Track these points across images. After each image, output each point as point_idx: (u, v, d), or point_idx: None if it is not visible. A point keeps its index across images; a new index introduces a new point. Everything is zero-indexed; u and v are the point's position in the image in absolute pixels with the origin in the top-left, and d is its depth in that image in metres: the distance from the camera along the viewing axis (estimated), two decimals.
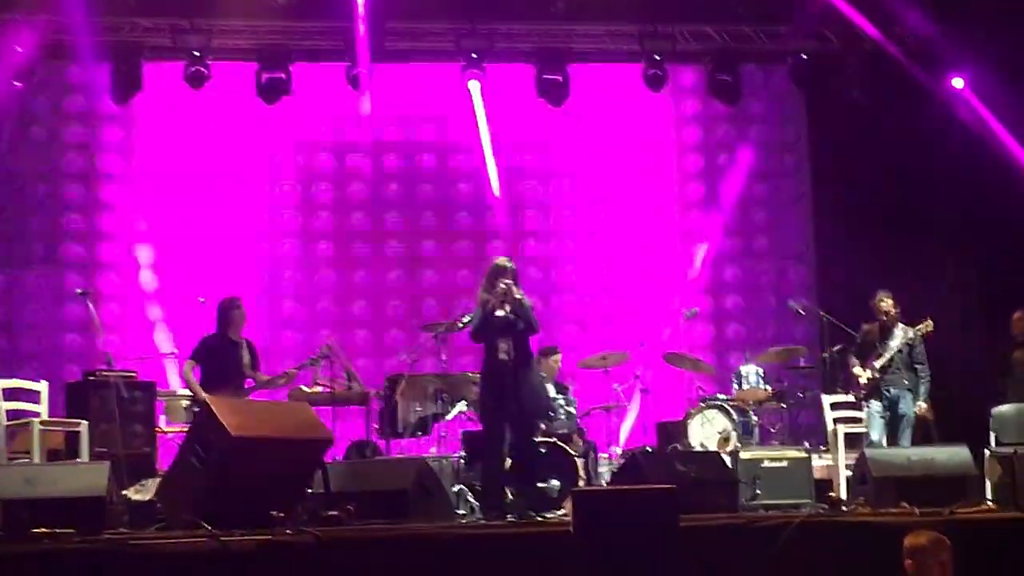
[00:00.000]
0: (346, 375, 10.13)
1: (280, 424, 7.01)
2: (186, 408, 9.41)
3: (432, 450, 9.75)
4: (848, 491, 8.68)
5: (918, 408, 9.40)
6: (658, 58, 11.92)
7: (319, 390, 9.87)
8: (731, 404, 10.23)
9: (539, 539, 6.34)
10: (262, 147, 12.40)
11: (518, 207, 12.58)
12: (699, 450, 9.72)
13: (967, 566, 5.51)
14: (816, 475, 9.41)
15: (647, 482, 6.83)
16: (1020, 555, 6.31)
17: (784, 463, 9.26)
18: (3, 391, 8.94)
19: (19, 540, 5.89)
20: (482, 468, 8.30)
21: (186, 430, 8.55)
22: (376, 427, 10.06)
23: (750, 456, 9.33)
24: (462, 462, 9.18)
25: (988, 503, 7.45)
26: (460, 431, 9.68)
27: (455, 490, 8.68)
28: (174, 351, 10.56)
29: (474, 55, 11.82)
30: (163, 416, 10.03)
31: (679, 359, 10.91)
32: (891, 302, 9.53)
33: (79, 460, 8.68)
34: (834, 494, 8.75)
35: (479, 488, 8.45)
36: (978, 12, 11.38)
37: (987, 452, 8.56)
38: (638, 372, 10.70)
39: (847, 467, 9.08)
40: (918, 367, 9.44)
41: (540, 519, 7.43)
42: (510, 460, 8.12)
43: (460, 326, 9.37)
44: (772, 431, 10.54)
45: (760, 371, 10.50)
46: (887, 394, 9.38)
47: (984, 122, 11.56)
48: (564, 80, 11.95)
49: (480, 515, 8.02)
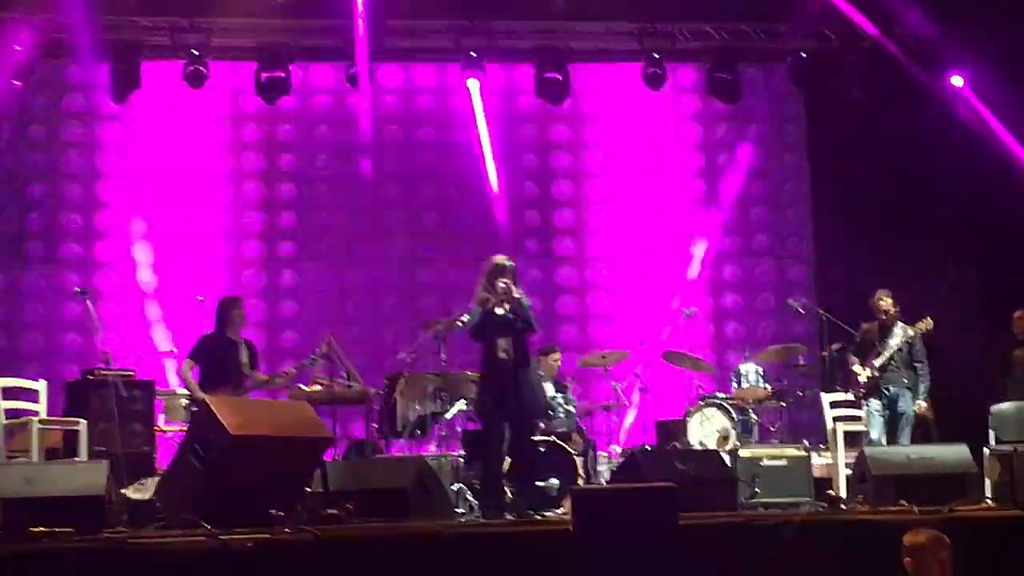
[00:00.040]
0: (345, 374, 10.13)
1: (279, 423, 7.01)
2: (185, 407, 9.41)
3: (431, 449, 9.74)
4: (847, 489, 8.69)
5: (918, 407, 9.40)
6: (657, 57, 11.94)
7: (318, 389, 9.87)
8: (730, 403, 10.23)
9: (538, 538, 6.33)
10: (261, 146, 12.40)
11: (518, 206, 12.57)
12: (698, 448, 9.72)
13: (966, 564, 5.51)
14: (815, 473, 9.42)
15: (646, 481, 6.83)
16: (1019, 553, 6.31)
17: (783, 461, 9.28)
18: (2, 390, 8.93)
19: (18, 539, 5.88)
20: (481, 467, 8.29)
21: (185, 429, 8.57)
22: (375, 426, 10.06)
23: (749, 454, 9.34)
24: (461, 461, 9.17)
25: (987, 501, 7.44)
26: (459, 430, 9.68)
27: (454, 489, 8.67)
28: (173, 350, 10.56)
29: (473, 54, 11.82)
30: (162, 415, 10.03)
31: (678, 358, 10.91)
32: (890, 301, 9.53)
33: (78, 459, 8.68)
34: (833, 492, 8.77)
35: (478, 487, 8.45)
36: (977, 11, 11.37)
37: (986, 450, 8.55)
38: (637, 371, 10.69)
39: (846, 465, 9.08)
40: (917, 365, 9.44)
41: (539, 518, 7.44)
42: (509, 459, 8.13)
43: (460, 325, 9.36)
44: (771, 429, 10.53)
45: (759, 370, 10.49)
46: (886, 392, 9.38)
47: (984, 121, 11.55)
48: (563, 79, 11.97)
49: (479, 514, 8.01)
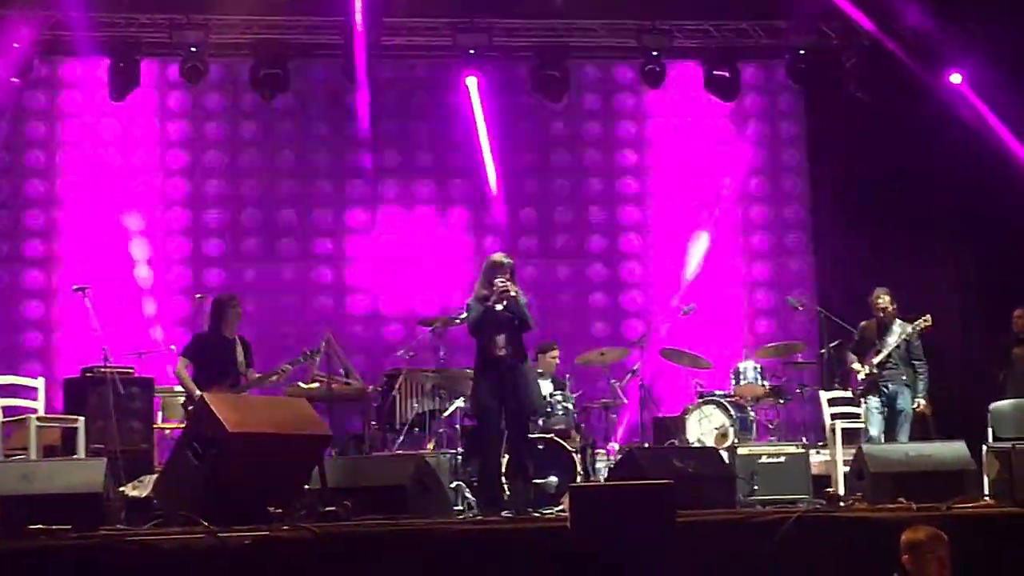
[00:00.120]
0: (343, 371, 10.13)
1: (277, 420, 7.00)
2: (183, 405, 9.40)
3: (430, 446, 9.73)
4: (846, 487, 8.69)
5: (917, 405, 9.40)
6: (656, 54, 11.92)
7: (316, 386, 9.86)
8: (729, 400, 10.22)
9: (537, 535, 6.33)
10: (261, 145, 12.38)
11: (515, 203, 12.55)
12: (697, 446, 9.72)
13: (965, 561, 5.51)
14: (814, 471, 9.41)
15: (645, 478, 6.81)
16: (1017, 549, 6.31)
17: (782, 459, 9.28)
18: (0, 387, 8.92)
19: (16, 536, 5.87)
20: (479, 464, 8.30)
21: (183, 427, 8.56)
22: (374, 423, 10.06)
23: (748, 452, 9.34)
24: (459, 458, 9.17)
25: (986, 498, 7.44)
26: (458, 427, 9.68)
27: (453, 486, 8.67)
28: (172, 347, 10.55)
29: (472, 51, 11.81)
30: (160, 412, 10.03)
31: (677, 355, 10.91)
32: (888, 299, 9.53)
33: (76, 456, 8.67)
34: (832, 489, 8.78)
35: (477, 484, 8.45)
36: (976, 8, 11.37)
37: (985, 448, 8.55)
38: (636, 368, 10.69)
39: (845, 463, 9.08)
40: (916, 363, 9.45)
41: (537, 515, 7.44)
42: (507, 456, 8.13)
43: (458, 321, 9.37)
44: (770, 427, 10.54)
45: (758, 367, 10.49)
46: (885, 390, 9.39)
47: (983, 118, 11.54)
48: (562, 76, 11.96)
49: (478, 511, 8.01)
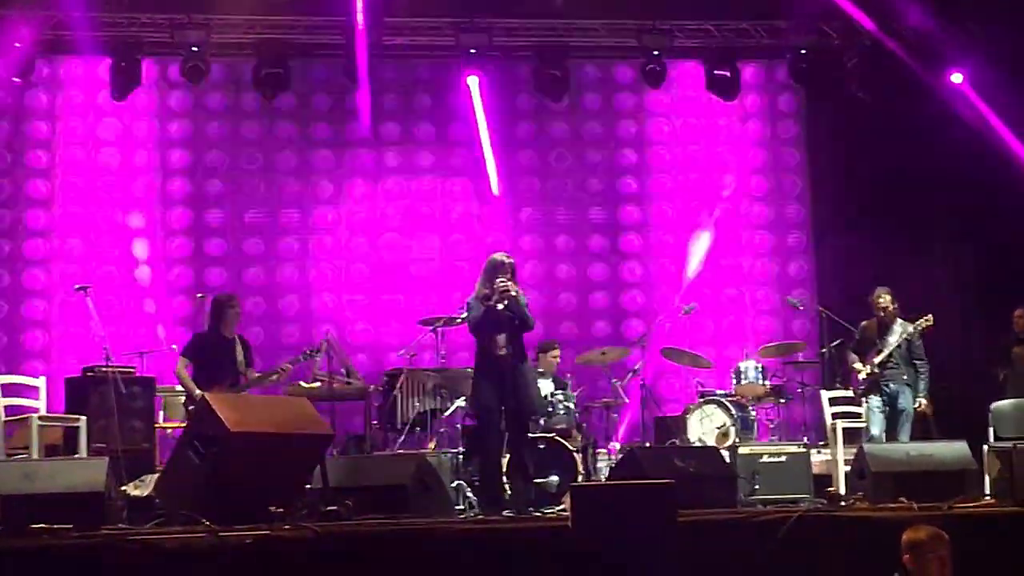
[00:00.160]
0: (345, 370, 10.13)
1: (279, 419, 6.99)
2: (183, 405, 9.39)
3: (431, 445, 9.73)
4: (847, 486, 8.68)
5: (918, 404, 9.40)
6: (656, 54, 11.92)
7: (318, 385, 9.87)
8: (730, 399, 10.22)
9: (538, 534, 6.33)
10: (260, 143, 12.39)
11: (516, 202, 12.55)
12: (698, 445, 9.72)
13: (966, 561, 5.52)
14: (815, 470, 9.41)
15: (646, 477, 6.81)
16: (1019, 549, 6.31)
17: (783, 458, 9.28)
18: (2, 387, 8.93)
19: (18, 536, 5.88)
20: (480, 463, 8.29)
21: (184, 426, 8.56)
22: (375, 422, 10.06)
23: (749, 451, 9.34)
24: (461, 458, 9.17)
25: (987, 498, 7.44)
26: (459, 427, 9.68)
27: (454, 485, 8.67)
28: (173, 347, 10.55)
29: (473, 51, 11.81)
30: (162, 412, 10.03)
31: (677, 354, 10.92)
32: (889, 298, 9.53)
33: (77, 456, 8.67)
34: (833, 489, 8.77)
35: (478, 483, 8.45)
36: (977, 7, 11.37)
37: (986, 447, 8.55)
38: (637, 367, 10.69)
39: (846, 462, 9.08)
40: (917, 363, 9.45)
41: (539, 514, 7.44)
42: (508, 455, 8.13)
43: (459, 321, 9.37)
44: (771, 426, 10.54)
45: (759, 366, 10.49)
46: (886, 389, 9.39)
47: (983, 118, 11.54)
48: (563, 75, 11.97)
49: (479, 510, 8.01)
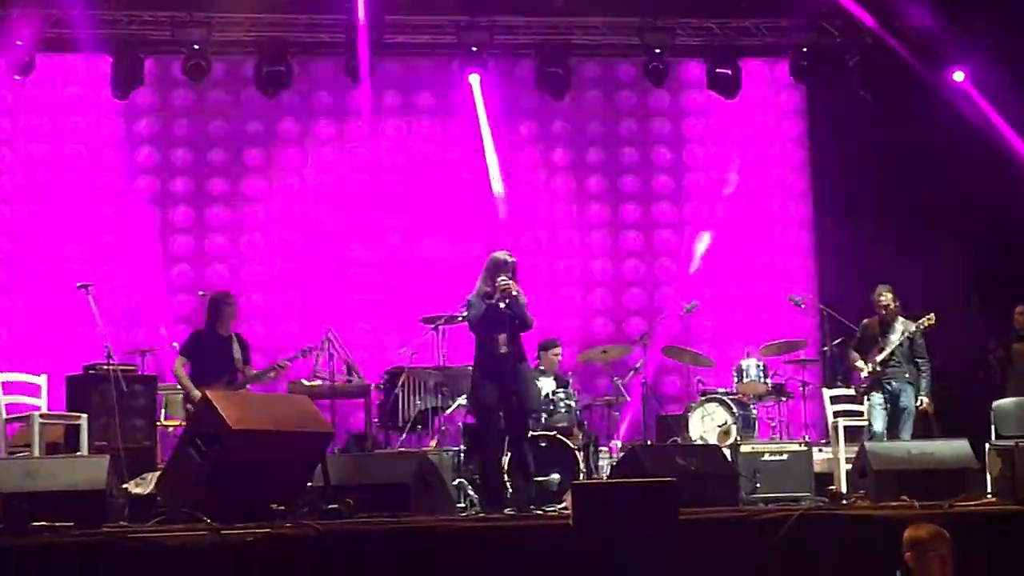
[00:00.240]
0: (346, 368, 10.14)
1: (280, 417, 6.99)
2: (187, 407, 9.35)
3: (432, 443, 9.74)
4: (848, 484, 8.68)
5: (920, 403, 9.40)
6: (658, 52, 11.92)
7: (319, 383, 9.88)
8: (731, 398, 10.23)
9: (539, 532, 6.32)
10: (262, 142, 12.39)
11: (517, 201, 12.55)
12: (699, 443, 9.72)
13: (967, 559, 5.51)
14: (816, 468, 9.42)
15: (647, 475, 6.81)
16: (1020, 548, 6.30)
17: (784, 456, 9.28)
18: (3, 384, 8.93)
19: (19, 533, 5.87)
20: (481, 461, 8.29)
21: (185, 423, 8.57)
22: (376, 420, 10.06)
23: (750, 449, 9.35)
24: (462, 456, 9.18)
25: (988, 496, 7.43)
26: (460, 425, 9.68)
27: (455, 483, 8.68)
28: (175, 344, 10.54)
29: (474, 49, 11.81)
30: (163, 410, 10.03)
31: (679, 352, 10.92)
32: (891, 296, 9.53)
33: (79, 453, 8.67)
34: (834, 487, 8.77)
35: (479, 482, 8.45)
36: (978, 5, 11.36)
37: (987, 446, 8.54)
38: (638, 365, 10.69)
39: (847, 460, 9.08)
40: (919, 361, 9.45)
41: (540, 512, 7.44)
42: (509, 454, 8.12)
43: (460, 319, 9.37)
44: (772, 425, 10.54)
45: (760, 365, 10.49)
46: (888, 388, 9.39)
47: (986, 116, 11.53)
48: (565, 73, 11.97)
49: (480, 508, 8.01)
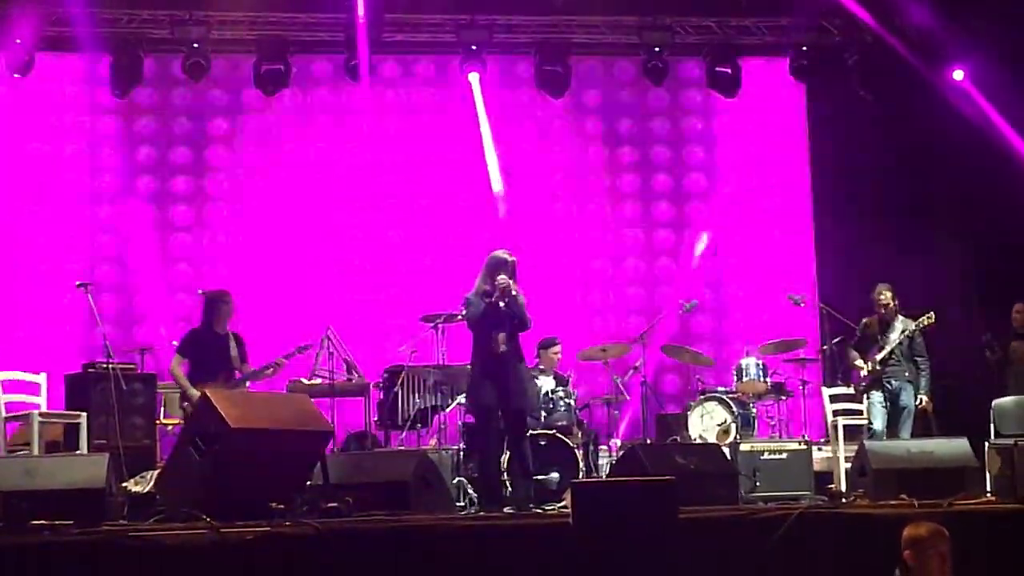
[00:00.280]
0: (345, 366, 10.13)
1: (279, 415, 7.00)
2: (184, 406, 9.33)
3: (432, 442, 9.74)
4: (847, 483, 8.68)
5: (920, 401, 9.41)
6: (658, 50, 11.92)
7: (319, 381, 9.87)
8: (731, 396, 10.24)
9: (538, 531, 6.32)
10: (262, 141, 12.39)
11: (517, 198, 12.54)
12: (699, 442, 9.73)
13: (966, 557, 5.52)
14: (816, 467, 9.43)
15: (647, 474, 6.82)
16: (1019, 546, 6.31)
17: (784, 455, 9.29)
18: (2, 383, 8.93)
19: (18, 532, 5.88)
20: (480, 460, 8.29)
21: (183, 422, 8.56)
22: (376, 419, 10.06)
23: (750, 448, 9.35)
24: (461, 454, 9.17)
25: (988, 495, 7.44)
26: (460, 423, 9.68)
27: (455, 482, 8.68)
28: (175, 343, 10.54)
29: (474, 47, 11.80)
30: (162, 408, 10.02)
31: (678, 351, 10.92)
32: (890, 295, 9.54)
33: (78, 452, 8.67)
34: (834, 486, 8.78)
35: (478, 480, 8.45)
36: (978, 4, 11.36)
37: (987, 444, 8.54)
38: (638, 364, 10.69)
39: (846, 459, 9.08)
40: (918, 360, 9.46)
41: (539, 511, 7.44)
42: (508, 452, 8.12)
43: (459, 317, 9.36)
44: (772, 423, 10.54)
45: (760, 363, 10.50)
46: (888, 386, 9.41)
47: (985, 114, 11.53)
48: (564, 72, 11.96)
49: (479, 507, 8.02)
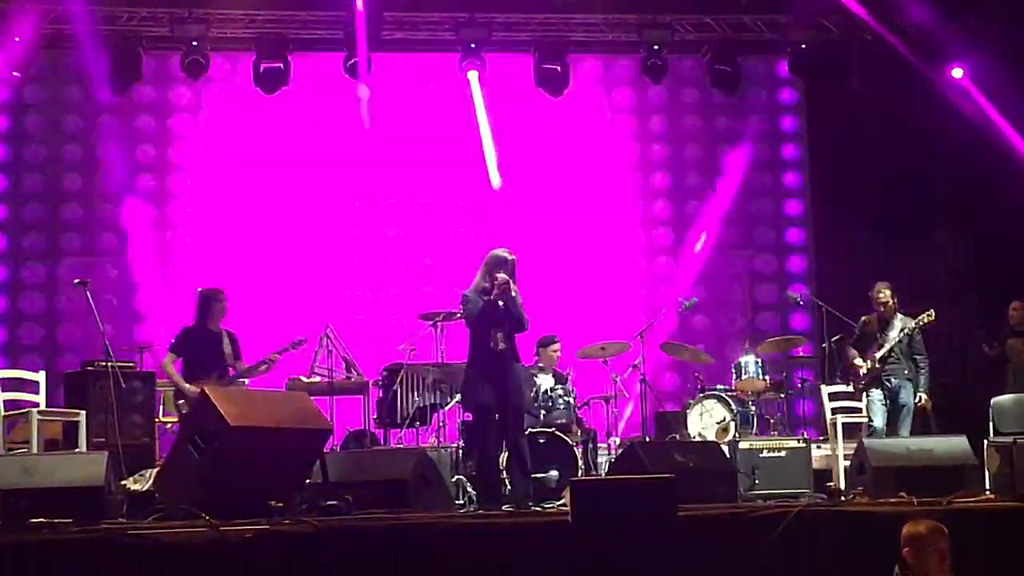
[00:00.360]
0: (345, 364, 10.13)
1: (279, 414, 6.99)
2: (178, 404, 9.31)
3: (431, 440, 9.74)
4: (847, 481, 8.68)
5: (919, 399, 9.41)
6: (657, 48, 11.91)
7: (317, 380, 9.87)
8: (730, 394, 10.24)
9: (537, 529, 6.31)
10: (262, 139, 12.38)
11: (517, 196, 12.54)
12: (698, 440, 9.73)
13: (965, 555, 5.52)
14: (815, 465, 9.42)
15: (646, 472, 6.82)
16: (1018, 544, 6.31)
17: (783, 453, 9.29)
18: (1, 381, 8.93)
19: (17, 530, 5.87)
20: (479, 458, 8.29)
21: (178, 420, 8.56)
22: (375, 417, 10.06)
23: (749, 446, 9.35)
24: (460, 452, 9.17)
25: (987, 493, 7.44)
26: (459, 421, 9.68)
27: (454, 480, 8.68)
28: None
29: (473, 45, 11.80)
30: (161, 406, 10.02)
31: (677, 349, 10.92)
32: (889, 293, 9.55)
33: (77, 450, 8.67)
34: (833, 484, 8.78)
35: (476, 478, 8.44)
36: (977, 1, 11.36)
37: (986, 442, 8.54)
38: (637, 362, 10.69)
39: (845, 457, 9.08)
40: (918, 358, 9.46)
41: (538, 509, 7.44)
42: (506, 451, 8.12)
43: (458, 315, 9.36)
44: (771, 421, 10.54)
45: (759, 361, 10.49)
46: (888, 384, 9.41)
47: (984, 112, 11.53)
48: (563, 70, 11.96)
49: (478, 505, 8.01)
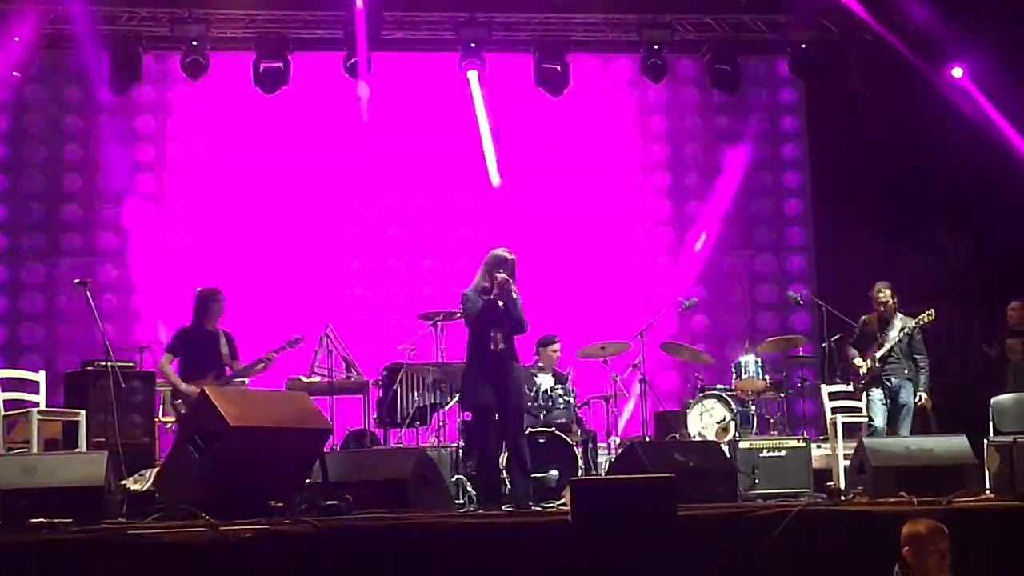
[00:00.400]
0: (344, 364, 10.13)
1: (279, 413, 6.99)
2: (175, 403, 9.29)
3: (431, 440, 9.74)
4: (846, 480, 8.68)
5: (919, 399, 9.41)
6: (657, 48, 11.91)
7: (317, 379, 9.87)
8: (730, 394, 10.24)
9: (537, 529, 6.31)
10: (262, 138, 12.37)
11: (516, 196, 12.54)
12: (698, 440, 9.73)
13: (965, 554, 5.52)
14: (815, 464, 9.43)
15: (646, 472, 6.82)
16: (1018, 543, 6.31)
17: (783, 452, 9.29)
18: (1, 381, 8.93)
19: (17, 530, 5.87)
20: (478, 458, 8.29)
21: (175, 420, 8.55)
22: (375, 417, 10.06)
23: (749, 446, 9.35)
24: (460, 452, 9.17)
25: (987, 492, 7.44)
26: (459, 421, 9.67)
27: (454, 480, 8.68)
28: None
29: (472, 45, 11.80)
30: (162, 406, 10.02)
31: (677, 349, 10.91)
32: (889, 292, 9.55)
33: (77, 450, 8.67)
34: (833, 483, 8.78)
35: (476, 477, 8.44)
36: (977, 1, 11.36)
37: (986, 442, 8.54)
38: (637, 362, 10.69)
39: (845, 456, 9.08)
40: (917, 357, 9.46)
41: (538, 509, 7.44)
42: (506, 450, 8.12)
43: (458, 315, 9.36)
44: (771, 421, 10.54)
45: (759, 361, 10.49)
46: (888, 384, 9.41)
47: (984, 112, 11.53)
48: (563, 69, 11.95)
49: (478, 505, 8.01)
